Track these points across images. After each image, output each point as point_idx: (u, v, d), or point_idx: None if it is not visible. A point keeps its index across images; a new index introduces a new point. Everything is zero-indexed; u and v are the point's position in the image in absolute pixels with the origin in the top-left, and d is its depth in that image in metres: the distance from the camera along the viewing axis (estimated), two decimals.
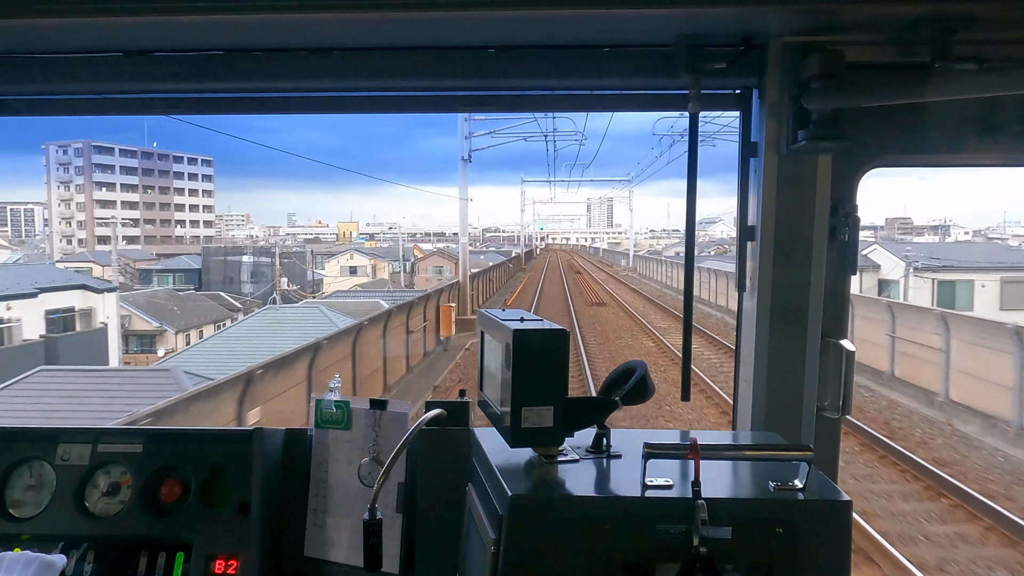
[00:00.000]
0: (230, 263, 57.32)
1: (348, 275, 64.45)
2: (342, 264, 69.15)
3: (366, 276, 65.11)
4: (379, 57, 2.09)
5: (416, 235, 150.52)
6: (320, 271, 68.32)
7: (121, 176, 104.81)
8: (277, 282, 47.77)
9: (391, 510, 2.11)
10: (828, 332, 2.09)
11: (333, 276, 63.87)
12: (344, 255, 71.98)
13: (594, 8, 1.78)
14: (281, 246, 77.15)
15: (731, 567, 1.50)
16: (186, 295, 44.18)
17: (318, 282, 62.23)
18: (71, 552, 2.09)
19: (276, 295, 43.20)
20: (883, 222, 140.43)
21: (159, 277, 58.10)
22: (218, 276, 55.14)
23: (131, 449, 2.21)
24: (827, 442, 2.12)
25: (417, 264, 70.13)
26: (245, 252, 59.52)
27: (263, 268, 54.34)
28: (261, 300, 45.31)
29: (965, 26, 1.74)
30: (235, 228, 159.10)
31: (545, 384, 1.65)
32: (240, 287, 53.84)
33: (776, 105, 1.99)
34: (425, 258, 72.77)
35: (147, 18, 1.81)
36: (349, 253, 72.83)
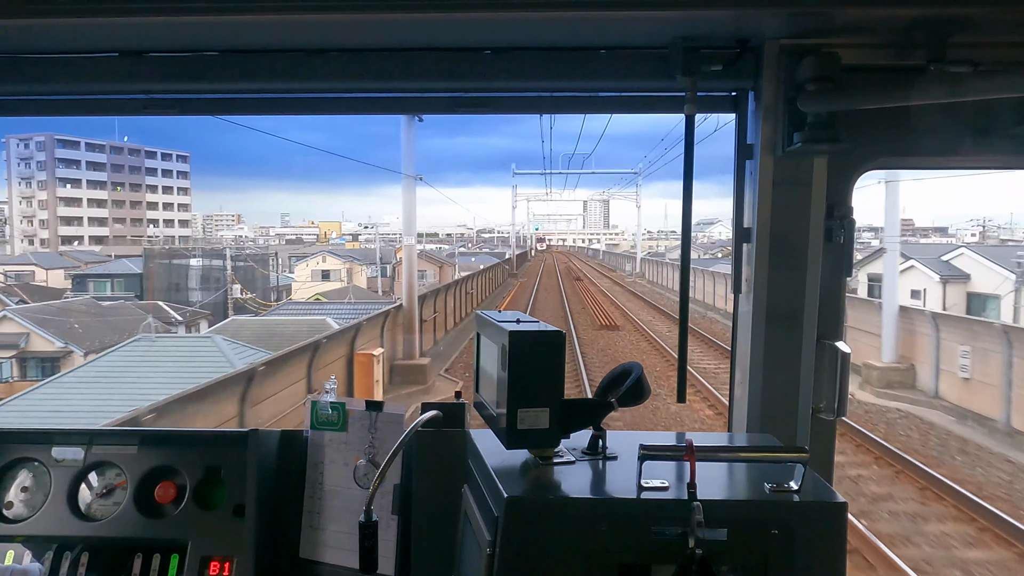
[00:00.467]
0: (176, 267, 48.38)
1: (320, 280, 58.01)
2: (313, 268, 61.92)
3: (340, 281, 57.83)
4: (376, 58, 2.09)
5: None
6: (291, 275, 62.18)
7: (88, 172, 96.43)
8: (229, 289, 42.92)
9: (387, 512, 2.10)
10: (823, 334, 2.09)
11: (303, 281, 57.67)
12: (315, 257, 64.61)
13: (590, 10, 1.78)
14: (254, 247, 69.77)
15: (727, 569, 1.51)
16: (109, 307, 35.40)
17: (287, 287, 56.60)
18: (65, 554, 2.08)
19: (229, 304, 39.67)
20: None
21: (95, 283, 49.01)
22: (163, 282, 47.05)
23: (126, 451, 2.20)
24: (822, 444, 2.12)
25: (397, 268, 64.26)
26: (193, 254, 50.90)
27: (216, 273, 46.26)
28: (211, 310, 40.33)
29: (960, 29, 1.75)
30: (224, 228, 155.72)
31: (541, 386, 1.65)
32: (188, 295, 45.89)
33: (772, 107, 2.00)
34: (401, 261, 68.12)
35: (143, 18, 1.81)
36: (321, 255, 64.90)
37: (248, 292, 46.35)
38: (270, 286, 54.21)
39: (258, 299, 45.30)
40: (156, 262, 49.24)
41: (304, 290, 52.58)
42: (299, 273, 61.35)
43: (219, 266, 46.65)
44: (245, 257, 52.03)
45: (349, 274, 61.08)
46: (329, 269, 61.92)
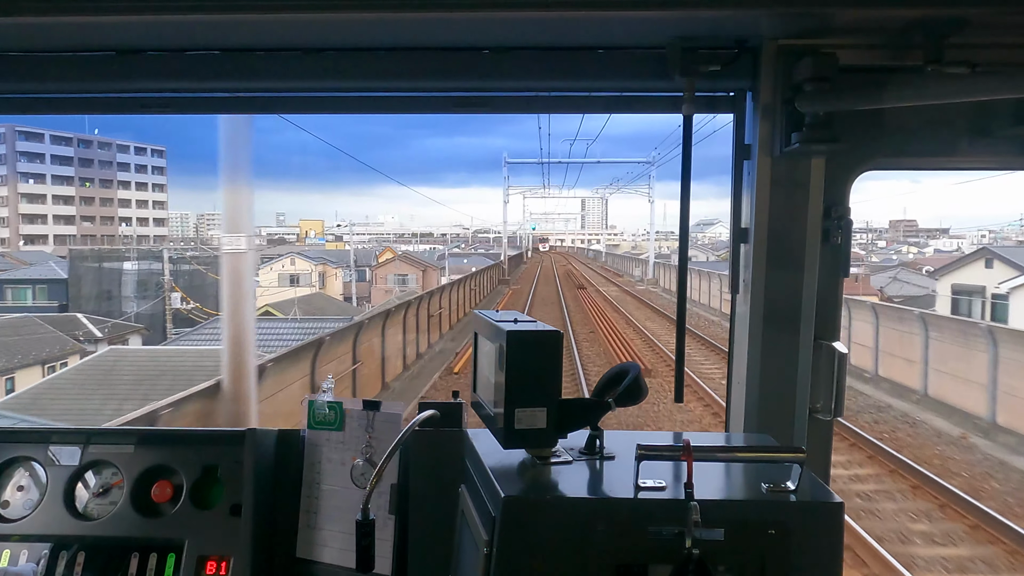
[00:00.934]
0: (108, 272, 39.97)
1: (288, 285, 50.97)
2: (280, 271, 54.34)
3: (310, 287, 52.19)
4: (373, 58, 2.09)
5: (403, 235, 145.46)
6: (256, 279, 57.22)
7: (53, 167, 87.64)
8: (167, 298, 35.99)
9: (384, 511, 2.10)
10: (820, 334, 2.10)
11: (268, 287, 49.11)
12: (283, 260, 57.17)
13: (589, 10, 1.78)
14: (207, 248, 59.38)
15: (723, 568, 1.51)
16: (9, 321, 28.05)
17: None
18: (61, 553, 2.08)
19: (167, 315, 34.03)
20: (886, 224, 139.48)
21: (14, 290, 41.29)
22: (93, 289, 39.37)
23: (122, 450, 2.20)
24: (819, 444, 2.13)
25: (374, 272, 57.33)
26: (128, 256, 42.49)
27: (157, 278, 38.76)
28: (147, 324, 34.34)
29: (957, 30, 1.75)
30: (216, 228, 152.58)
31: (538, 386, 1.65)
32: (122, 304, 38.74)
33: (769, 108, 2.00)
34: (383, 264, 58.37)
35: (140, 17, 1.81)
36: (289, 257, 57.66)
37: (191, 300, 38.44)
38: None
39: (207, 309, 36.88)
40: (84, 265, 41.12)
41: (266, 297, 44.34)
42: (263, 277, 52.30)
43: (159, 270, 39.25)
44: (190, 259, 43.80)
45: (322, 278, 55.97)
46: (298, 273, 55.57)
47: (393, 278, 56.00)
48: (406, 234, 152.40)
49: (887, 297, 34.87)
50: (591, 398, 1.81)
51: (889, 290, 38.56)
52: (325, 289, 55.97)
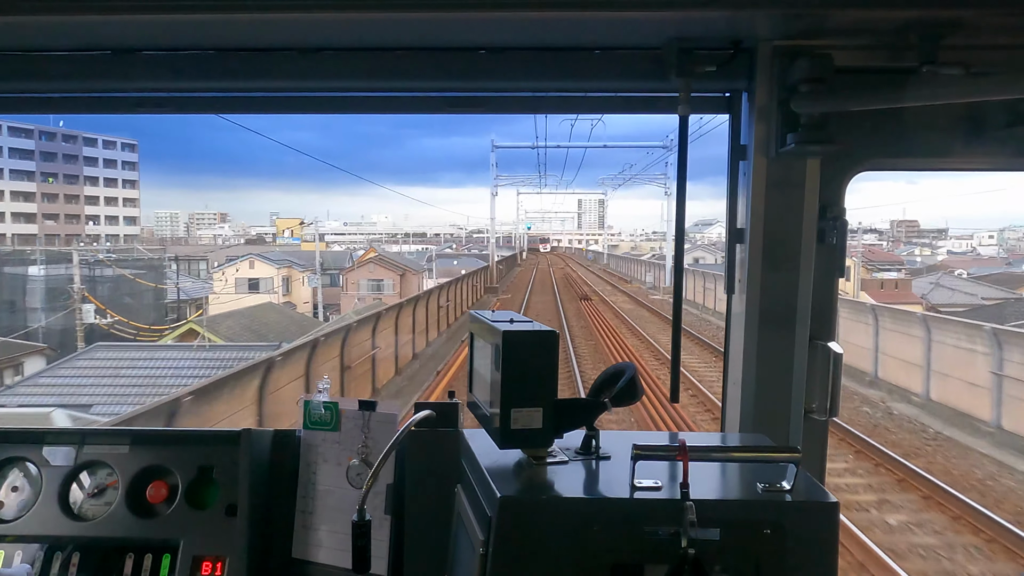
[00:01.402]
0: (8, 278, 32.98)
1: (247, 291, 44.89)
2: (237, 276, 48.13)
3: (272, 293, 46.67)
4: (369, 57, 2.09)
5: (396, 235, 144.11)
6: (210, 284, 48.14)
7: (11, 160, 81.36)
8: (78, 310, 29.51)
9: (380, 511, 2.10)
10: (816, 334, 2.10)
11: (223, 292, 43.69)
12: (240, 262, 50.67)
13: (585, 10, 1.78)
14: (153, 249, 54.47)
15: (719, 568, 1.51)
16: None
17: (198, 302, 42.13)
18: (56, 554, 2.07)
19: (79, 331, 27.84)
20: (887, 225, 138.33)
21: None
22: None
23: (117, 450, 2.19)
24: (815, 444, 2.13)
25: (345, 276, 50.19)
26: (32, 259, 35.03)
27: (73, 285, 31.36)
28: (56, 342, 27.59)
29: (952, 31, 1.76)
30: (205, 227, 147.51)
31: (534, 386, 1.65)
32: (26, 316, 31.37)
33: (765, 108, 2.00)
34: (355, 268, 51.00)
35: (136, 16, 1.80)
36: (248, 260, 50.96)
37: (112, 313, 31.76)
38: (166, 302, 38.76)
39: (136, 323, 30.77)
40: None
41: (216, 306, 39.40)
42: (218, 283, 47.02)
43: (82, 275, 31.90)
44: (112, 263, 37.14)
45: (286, 283, 49.98)
46: (258, 277, 49.05)
47: (367, 284, 49.28)
48: (399, 234, 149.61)
49: (931, 306, 31.72)
50: (587, 398, 1.81)
51: (934, 298, 35.05)
52: (290, 295, 50.31)
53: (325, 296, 46.20)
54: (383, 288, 48.57)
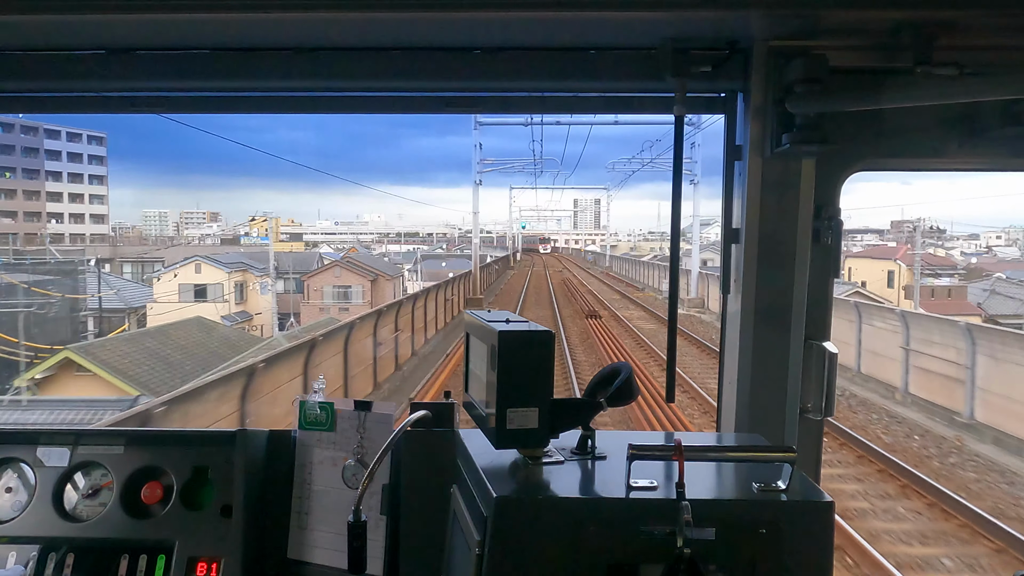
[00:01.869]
0: None
1: (193, 299, 39.30)
2: (181, 281, 41.93)
3: (221, 301, 40.75)
4: (366, 57, 2.08)
5: (388, 235, 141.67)
6: (149, 289, 41.95)
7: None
8: None
9: (375, 512, 2.10)
10: (811, 334, 2.11)
11: (169, 300, 38.26)
12: (185, 266, 43.95)
13: (580, 10, 1.78)
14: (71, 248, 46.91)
15: (715, 568, 1.51)
16: None
17: (133, 313, 37.33)
18: (50, 555, 2.06)
19: None
20: (888, 225, 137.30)
21: None
22: None
23: (112, 451, 2.18)
24: (810, 443, 2.14)
25: (306, 282, 44.45)
26: None
27: None
28: None
29: (946, 32, 1.77)
30: (194, 226, 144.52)
31: (530, 385, 1.65)
32: None
33: (760, 108, 2.01)
34: (319, 272, 45.37)
35: (131, 15, 1.80)
36: (194, 263, 44.05)
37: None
38: (82, 314, 32.78)
39: (36, 343, 24.64)
40: None
41: (156, 317, 34.75)
42: (160, 289, 41.15)
43: None
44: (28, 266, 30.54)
45: (240, 289, 43.21)
46: (205, 283, 42.12)
47: (332, 291, 43.41)
48: (391, 233, 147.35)
49: (989, 317, 28.59)
50: (583, 398, 1.81)
51: (992, 307, 31.28)
52: (246, 303, 43.12)
53: (286, 305, 40.48)
54: (351, 296, 42.71)
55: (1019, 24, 1.80)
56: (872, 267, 46.10)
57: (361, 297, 43.34)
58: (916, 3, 1.72)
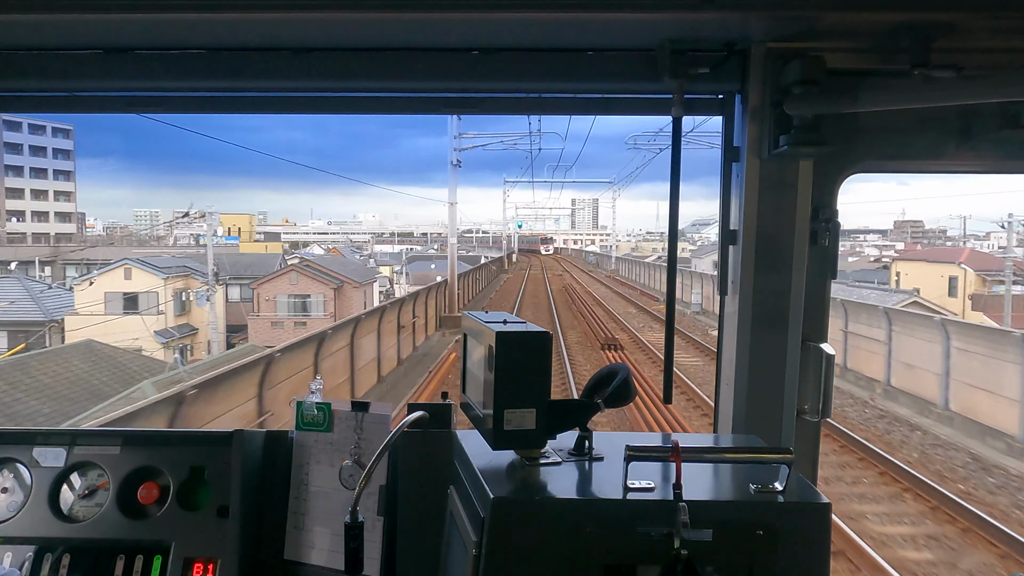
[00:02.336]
0: None
1: (122, 310, 34.27)
2: (108, 289, 36.10)
3: (157, 313, 35.17)
4: (364, 58, 2.08)
5: (382, 235, 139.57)
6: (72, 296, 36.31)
7: None
8: None
9: (372, 513, 2.10)
10: (808, 336, 2.11)
11: (89, 310, 32.60)
12: (111, 271, 37.49)
13: (578, 11, 1.78)
14: None
15: (712, 569, 1.51)
16: None
17: (49, 325, 32.35)
18: (46, 555, 2.06)
19: None
20: (891, 225, 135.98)
21: None
22: None
23: (108, 451, 2.18)
24: (807, 445, 2.14)
25: (256, 291, 38.28)
26: None
27: None
28: None
29: (943, 34, 1.77)
30: (184, 226, 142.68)
31: (528, 386, 1.65)
32: None
33: (758, 110, 2.01)
34: (271, 278, 38.92)
35: (129, 15, 1.80)
36: (122, 267, 37.47)
37: None
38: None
39: None
40: None
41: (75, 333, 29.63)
42: (82, 298, 35.13)
43: None
44: None
45: (184, 300, 37.57)
46: (136, 292, 36.00)
47: (287, 301, 37.44)
48: (385, 233, 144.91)
49: None
50: (580, 399, 1.81)
51: None
52: (189, 315, 36.73)
53: (235, 316, 35.22)
54: (309, 307, 37.02)
55: (1016, 27, 1.81)
56: (928, 272, 38.69)
57: (322, 308, 37.01)
58: (913, 5, 1.72)
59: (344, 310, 35.45)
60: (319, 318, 35.47)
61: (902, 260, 44.71)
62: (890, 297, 29.34)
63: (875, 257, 70.61)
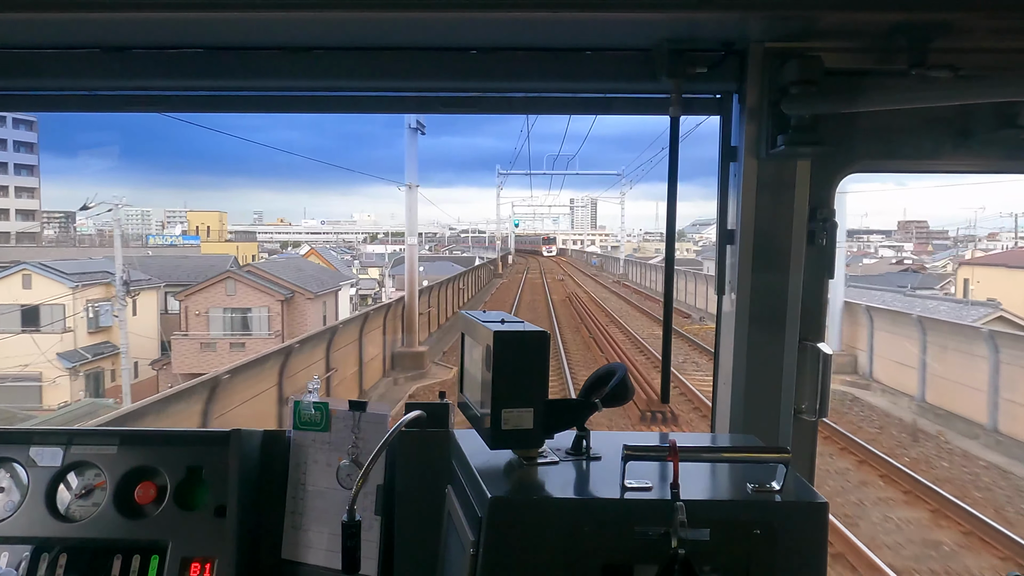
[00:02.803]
0: None
1: (20, 325, 28.08)
2: (5, 300, 29.32)
3: (63, 330, 28.53)
4: (362, 57, 2.08)
5: (377, 235, 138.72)
6: None
7: None
8: None
9: (370, 512, 2.09)
10: (806, 335, 2.11)
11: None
12: (6, 280, 30.41)
13: (577, 11, 1.78)
14: None
15: (709, 568, 1.51)
16: None
17: None
18: (42, 555, 2.05)
19: None
20: (895, 226, 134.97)
21: None
22: None
23: (105, 451, 2.18)
24: (804, 444, 2.14)
25: (184, 304, 30.50)
26: None
27: None
28: None
29: (941, 35, 1.77)
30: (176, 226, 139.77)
31: (525, 386, 1.65)
32: None
33: (756, 110, 2.01)
34: (202, 288, 30.84)
35: (126, 14, 1.79)
36: (20, 273, 30.56)
37: None
38: None
39: None
40: None
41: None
42: None
43: None
44: None
45: (91, 313, 29.99)
46: (38, 304, 28.91)
47: (222, 317, 30.11)
48: (379, 233, 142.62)
49: None
50: (578, 399, 1.81)
51: None
52: (109, 331, 29.62)
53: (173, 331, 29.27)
54: (250, 324, 29.49)
55: (1013, 27, 1.81)
56: (1009, 279, 30.73)
57: (267, 326, 29.04)
58: (911, 6, 1.73)
59: (295, 327, 28.70)
60: (263, 337, 28.19)
61: (974, 265, 36.20)
62: (966, 311, 23.09)
63: (896, 259, 64.66)
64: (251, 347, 25.19)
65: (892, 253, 74.99)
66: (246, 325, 30.32)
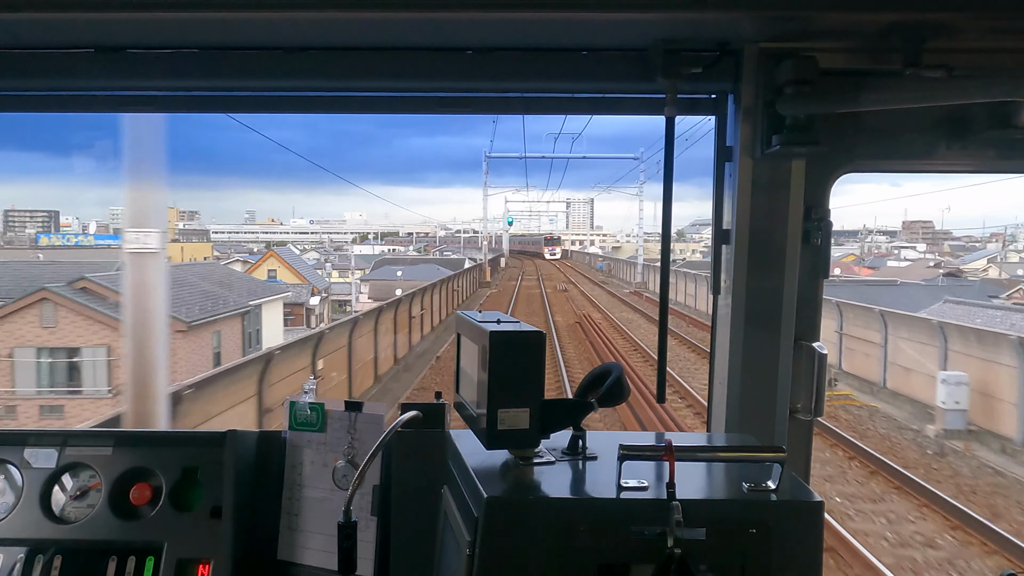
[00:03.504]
0: None
1: None
2: None
3: None
4: (357, 57, 2.08)
5: (368, 235, 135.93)
6: None
7: None
8: None
9: (366, 513, 2.09)
10: (801, 335, 2.12)
11: None
12: None
13: (572, 11, 1.79)
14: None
15: (705, 568, 1.51)
16: None
17: None
18: (37, 557, 2.05)
19: None
20: (900, 226, 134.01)
21: None
22: None
23: (100, 452, 2.17)
24: (799, 444, 2.15)
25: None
26: None
27: None
28: None
29: (935, 35, 1.78)
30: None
31: (521, 386, 1.65)
32: None
33: (751, 110, 2.01)
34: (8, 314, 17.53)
35: (121, 14, 1.79)
36: None
37: None
38: None
39: None
40: None
41: None
42: None
43: None
44: None
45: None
46: None
47: (34, 362, 19.68)
48: (370, 234, 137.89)
49: None
50: (574, 399, 1.81)
51: None
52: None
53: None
54: (81, 371, 19.59)
55: (1007, 27, 1.82)
56: None
57: (106, 377, 18.98)
58: (905, 6, 1.73)
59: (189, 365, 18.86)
60: (96, 397, 18.39)
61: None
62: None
63: (935, 262, 58.33)
64: (72, 412, 15.75)
65: (916, 255, 73.04)
66: (74, 373, 19.24)
